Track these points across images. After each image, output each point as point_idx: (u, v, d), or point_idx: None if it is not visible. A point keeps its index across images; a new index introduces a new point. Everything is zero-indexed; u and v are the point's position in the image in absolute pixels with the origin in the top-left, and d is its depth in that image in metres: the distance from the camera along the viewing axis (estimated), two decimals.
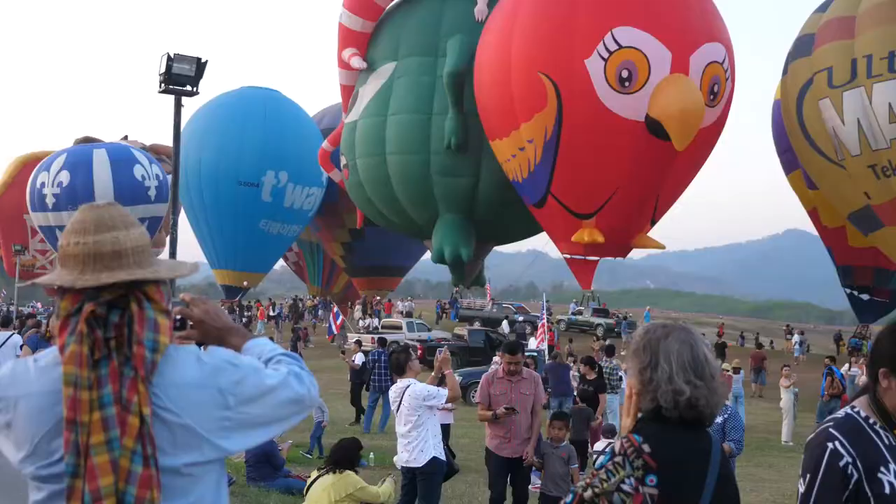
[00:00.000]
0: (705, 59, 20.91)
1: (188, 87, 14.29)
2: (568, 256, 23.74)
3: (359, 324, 37.49)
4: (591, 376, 13.20)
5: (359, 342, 21.05)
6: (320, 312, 44.23)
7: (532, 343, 25.98)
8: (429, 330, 34.56)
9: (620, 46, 20.18)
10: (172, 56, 13.80)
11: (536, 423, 7.76)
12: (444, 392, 7.17)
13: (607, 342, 21.32)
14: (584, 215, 21.77)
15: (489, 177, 24.10)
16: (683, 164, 21.62)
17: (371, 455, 11.49)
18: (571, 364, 19.90)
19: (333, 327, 30.30)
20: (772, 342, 41.94)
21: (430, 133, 24.41)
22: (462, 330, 32.44)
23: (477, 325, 34.02)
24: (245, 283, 39.19)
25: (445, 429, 12.09)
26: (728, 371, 19.42)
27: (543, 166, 21.59)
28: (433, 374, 7.62)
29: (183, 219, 39.52)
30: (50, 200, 35.10)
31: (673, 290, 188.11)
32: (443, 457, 7.25)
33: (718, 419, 7.08)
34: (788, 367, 19.46)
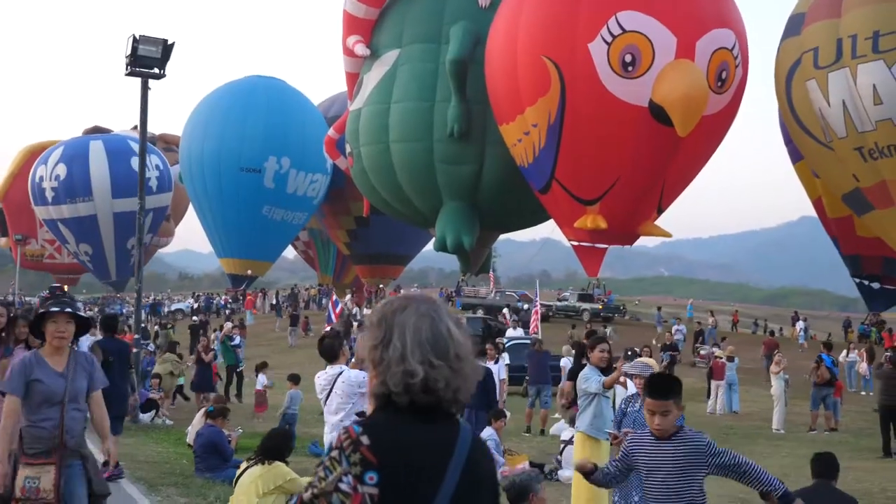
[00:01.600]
0: (713, 44, 20.55)
1: (155, 70, 13.93)
2: (575, 243, 23.51)
3: (354, 311, 37.44)
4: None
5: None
6: (323, 301, 44.17)
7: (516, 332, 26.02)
8: None
9: (624, 31, 19.89)
10: (138, 38, 13.41)
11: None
12: None
13: (607, 329, 21.13)
14: (588, 201, 21.53)
15: (493, 164, 23.87)
16: (690, 152, 21.31)
17: None
18: (550, 352, 19.67)
19: (332, 316, 30.13)
20: (781, 329, 41.58)
21: (433, 121, 24.17)
22: (462, 318, 32.26)
23: (480, 314, 33.88)
24: (248, 271, 39.02)
25: None
26: (721, 358, 19.17)
27: (547, 151, 21.38)
28: (354, 360, 7.40)
29: (191, 209, 39.60)
30: (49, 194, 35.14)
31: (687, 278, 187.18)
32: None
33: None
34: (780, 354, 19.12)
